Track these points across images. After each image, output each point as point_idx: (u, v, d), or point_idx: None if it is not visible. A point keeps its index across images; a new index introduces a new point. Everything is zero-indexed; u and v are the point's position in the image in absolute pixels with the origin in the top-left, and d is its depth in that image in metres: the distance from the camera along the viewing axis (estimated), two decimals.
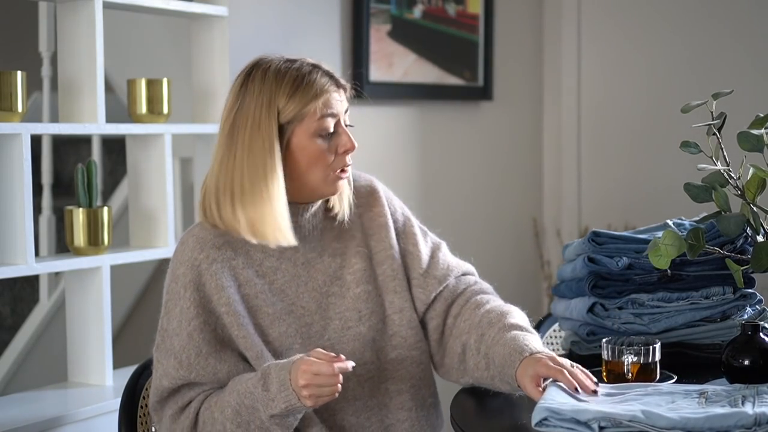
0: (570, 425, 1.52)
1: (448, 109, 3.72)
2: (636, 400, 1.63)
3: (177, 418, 1.75)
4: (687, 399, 1.63)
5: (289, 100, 1.74)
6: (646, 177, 3.93)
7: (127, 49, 3.57)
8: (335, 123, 1.78)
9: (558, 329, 2.39)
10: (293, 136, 1.76)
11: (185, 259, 1.80)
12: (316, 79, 1.76)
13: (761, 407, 1.53)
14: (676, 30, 3.87)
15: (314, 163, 1.77)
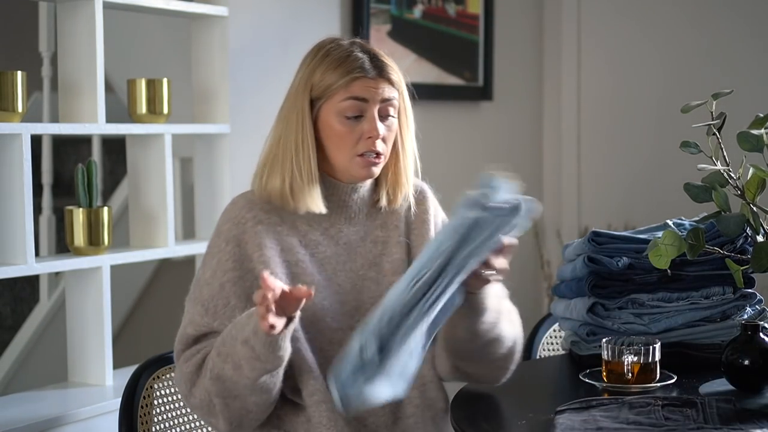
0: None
1: (448, 109, 3.72)
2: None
3: (189, 358, 1.77)
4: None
5: (322, 76, 1.80)
6: (646, 177, 3.93)
7: (127, 49, 3.57)
8: (364, 108, 1.80)
9: (558, 329, 2.39)
10: (321, 111, 1.81)
11: (232, 216, 1.83)
12: (353, 61, 1.81)
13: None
14: (676, 30, 3.87)
15: (338, 144, 1.80)
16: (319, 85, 1.80)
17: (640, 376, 1.83)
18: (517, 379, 2.05)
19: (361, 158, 1.80)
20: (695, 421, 1.60)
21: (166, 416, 1.95)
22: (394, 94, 1.85)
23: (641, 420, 1.61)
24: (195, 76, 2.89)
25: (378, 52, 1.86)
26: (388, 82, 1.84)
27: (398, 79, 1.87)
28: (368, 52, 1.84)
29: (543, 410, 1.72)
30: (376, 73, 1.82)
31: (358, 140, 1.80)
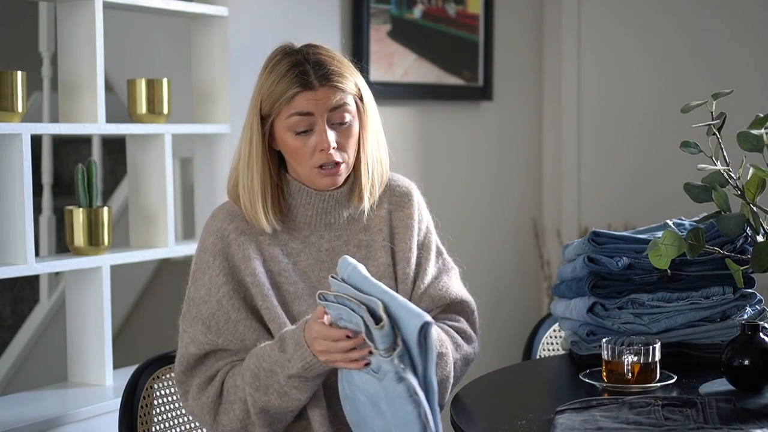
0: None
1: (448, 109, 3.72)
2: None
3: (204, 388, 1.77)
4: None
5: (268, 93, 1.80)
6: (646, 177, 3.93)
7: (127, 49, 3.57)
8: (312, 122, 1.78)
9: (558, 329, 2.39)
10: (274, 128, 1.82)
11: (214, 230, 1.84)
12: (293, 76, 1.78)
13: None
14: (676, 30, 3.87)
15: (296, 158, 1.81)
16: (266, 103, 1.80)
17: (640, 376, 1.83)
18: (517, 379, 2.05)
19: (320, 170, 1.80)
20: (695, 421, 1.60)
21: (166, 416, 1.95)
22: (345, 99, 1.80)
23: (641, 420, 1.61)
24: (195, 76, 2.89)
25: (325, 59, 1.81)
26: (334, 90, 1.79)
27: (349, 84, 1.81)
28: (313, 61, 1.80)
29: (543, 410, 1.72)
30: (318, 83, 1.78)
31: (312, 153, 1.79)
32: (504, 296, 3.98)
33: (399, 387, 1.55)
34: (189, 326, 1.80)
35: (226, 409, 1.74)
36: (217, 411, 1.75)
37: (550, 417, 1.66)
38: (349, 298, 1.57)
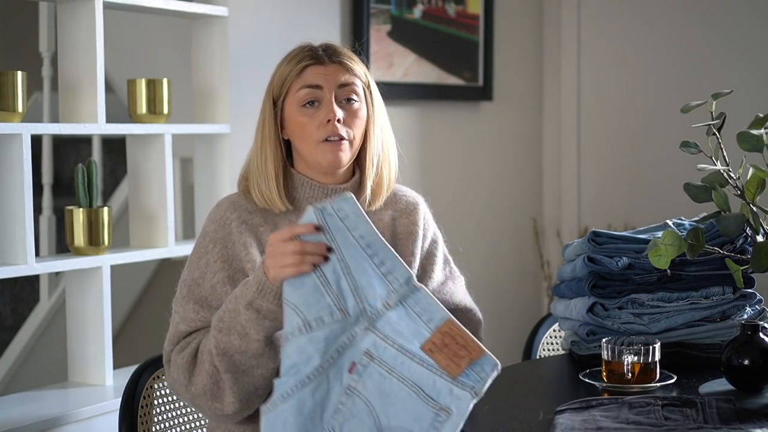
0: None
1: (448, 109, 3.72)
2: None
3: (180, 351, 1.77)
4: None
5: (279, 75, 1.85)
6: (646, 177, 3.93)
7: (127, 49, 3.57)
8: (319, 95, 1.81)
9: (558, 329, 2.39)
10: (284, 111, 1.84)
11: (217, 218, 1.85)
12: (304, 52, 1.84)
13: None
14: (676, 30, 3.87)
15: (301, 134, 1.82)
16: (277, 83, 1.84)
17: (640, 376, 1.83)
18: (517, 379, 2.05)
19: (324, 144, 1.81)
20: (695, 421, 1.60)
21: (166, 416, 1.95)
22: (351, 79, 1.84)
23: (641, 420, 1.61)
24: (195, 76, 2.89)
25: (336, 46, 1.88)
26: (343, 68, 1.84)
27: (357, 69, 1.86)
28: (324, 45, 1.87)
29: (543, 410, 1.72)
30: (327, 59, 1.84)
31: (318, 127, 1.81)
32: (504, 296, 3.98)
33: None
34: (180, 306, 1.80)
35: (199, 369, 1.73)
36: (192, 372, 1.74)
37: (550, 417, 1.66)
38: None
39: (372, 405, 1.55)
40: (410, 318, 1.57)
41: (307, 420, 1.54)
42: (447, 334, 1.55)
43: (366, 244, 1.59)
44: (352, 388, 1.55)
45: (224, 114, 2.85)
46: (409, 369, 1.54)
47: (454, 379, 1.53)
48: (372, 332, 1.56)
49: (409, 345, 1.55)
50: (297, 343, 1.55)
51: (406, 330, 1.56)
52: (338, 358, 1.56)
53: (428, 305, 1.57)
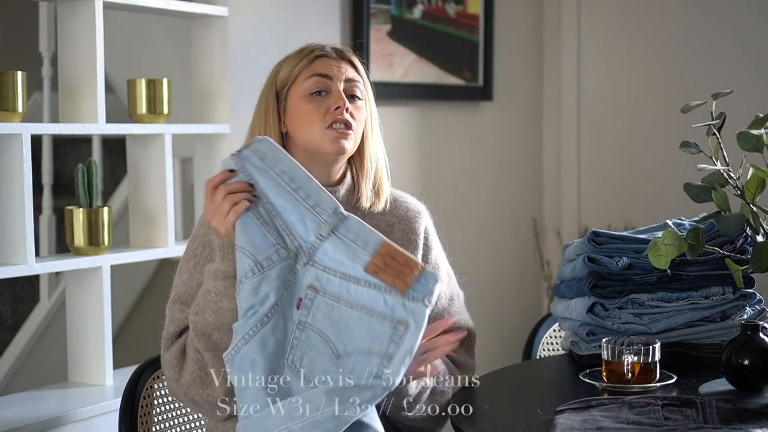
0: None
1: (448, 109, 3.72)
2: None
3: (171, 348, 1.78)
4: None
5: (286, 67, 1.86)
6: (646, 177, 3.93)
7: (127, 49, 3.57)
8: (328, 85, 1.83)
9: (558, 329, 2.39)
10: (288, 98, 1.85)
11: (206, 222, 1.82)
12: (314, 45, 1.87)
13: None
14: (676, 30, 3.87)
15: (307, 122, 1.82)
16: (283, 75, 1.85)
17: (640, 376, 1.83)
18: (517, 379, 2.05)
19: (330, 130, 1.80)
20: (695, 421, 1.60)
21: (166, 416, 1.95)
22: (358, 77, 1.87)
23: (641, 420, 1.61)
24: (195, 76, 2.89)
25: (343, 47, 1.90)
26: (351, 65, 1.87)
27: (362, 69, 1.89)
28: (331, 45, 1.89)
29: (543, 410, 1.72)
30: (337, 55, 1.86)
31: (325, 114, 1.81)
32: (504, 296, 3.98)
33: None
34: (169, 309, 1.80)
35: (186, 360, 1.74)
36: (181, 366, 1.74)
37: (550, 417, 1.66)
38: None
39: (326, 335, 1.59)
40: (346, 245, 1.61)
41: (272, 358, 1.58)
42: (387, 255, 1.60)
43: (289, 179, 1.62)
44: (302, 323, 1.60)
45: (224, 114, 2.85)
46: (356, 294, 1.59)
47: (404, 294, 1.58)
48: (312, 266, 1.61)
49: (351, 271, 1.59)
50: (251, 284, 1.59)
51: (344, 257, 1.60)
52: (288, 296, 1.60)
53: (361, 231, 1.61)
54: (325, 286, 1.60)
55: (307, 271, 1.61)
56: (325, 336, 1.59)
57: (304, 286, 1.60)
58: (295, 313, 1.59)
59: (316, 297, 1.60)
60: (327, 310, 1.59)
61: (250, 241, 1.60)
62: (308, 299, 1.60)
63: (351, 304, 1.59)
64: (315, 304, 1.60)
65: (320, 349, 1.59)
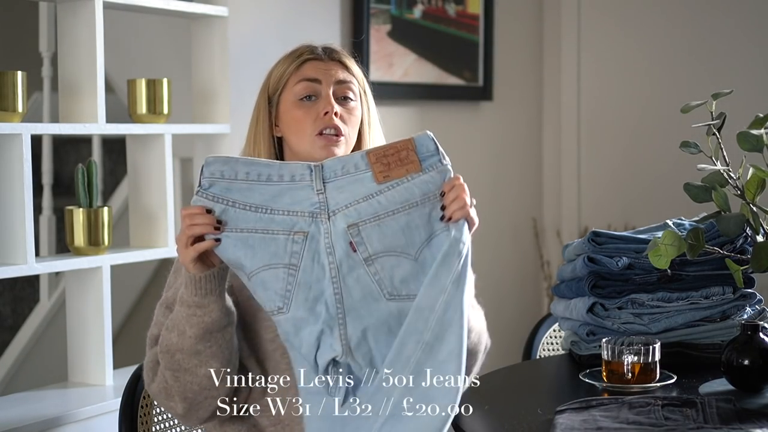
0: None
1: (448, 109, 3.72)
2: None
3: (151, 350, 1.76)
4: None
5: (276, 72, 1.84)
6: (646, 177, 3.93)
7: (127, 49, 3.57)
8: (318, 90, 1.80)
9: (558, 329, 2.39)
10: (279, 106, 1.83)
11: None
12: (303, 48, 1.84)
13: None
14: (676, 30, 3.87)
15: (297, 128, 1.80)
16: (274, 81, 1.83)
17: (640, 376, 1.83)
18: (517, 379, 2.05)
19: (320, 137, 1.78)
20: (695, 421, 1.60)
21: (166, 416, 1.95)
22: (349, 78, 1.83)
23: (641, 420, 1.61)
24: (195, 76, 2.89)
25: (336, 46, 1.88)
26: (342, 66, 1.84)
27: (355, 69, 1.86)
28: (322, 45, 1.86)
29: (543, 410, 1.72)
30: (327, 57, 1.84)
31: (314, 120, 1.79)
32: (504, 296, 3.98)
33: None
34: (156, 309, 1.80)
35: (157, 373, 1.72)
36: (155, 371, 1.73)
37: (550, 417, 1.66)
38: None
39: (394, 249, 1.58)
40: (343, 180, 1.60)
41: (376, 310, 1.56)
42: (380, 157, 1.60)
43: (257, 175, 1.60)
44: (368, 258, 1.57)
45: (224, 114, 2.85)
46: (387, 201, 1.59)
47: (422, 171, 1.61)
48: (335, 215, 1.59)
49: (368, 191, 1.59)
50: (301, 289, 1.56)
51: (353, 189, 1.59)
52: (341, 254, 1.57)
53: (343, 162, 1.60)
54: (359, 216, 1.58)
55: (335, 222, 1.58)
56: (395, 250, 1.58)
57: (344, 231, 1.58)
58: (356, 257, 1.57)
59: (360, 229, 1.58)
60: (377, 231, 1.58)
61: (268, 255, 1.57)
62: (356, 237, 1.58)
63: (391, 211, 1.58)
64: (364, 236, 1.58)
65: (400, 264, 1.57)
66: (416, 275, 1.56)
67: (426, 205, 1.59)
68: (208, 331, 1.64)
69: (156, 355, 1.72)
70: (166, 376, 1.68)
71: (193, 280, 1.62)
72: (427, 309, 1.53)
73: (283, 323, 1.57)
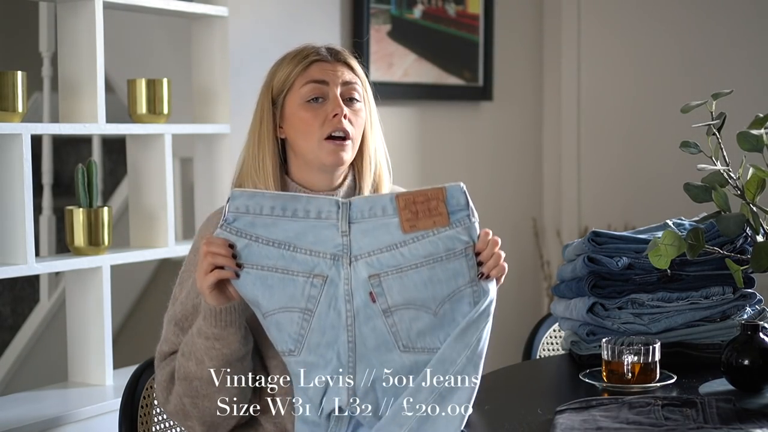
0: None
1: (448, 109, 3.72)
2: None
3: (163, 368, 1.76)
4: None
5: (281, 73, 1.82)
6: (646, 177, 3.93)
7: (127, 49, 3.57)
8: (325, 91, 1.79)
9: (558, 329, 2.39)
10: (284, 108, 1.81)
11: (206, 234, 1.80)
12: (308, 49, 1.82)
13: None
14: (676, 30, 3.87)
15: (305, 131, 1.79)
16: (278, 82, 1.81)
17: (640, 376, 1.83)
18: (517, 379, 2.05)
19: (328, 141, 1.77)
20: (695, 421, 1.60)
21: (166, 416, 1.95)
22: (354, 79, 1.83)
23: (641, 420, 1.61)
24: (195, 76, 2.89)
25: (338, 46, 1.87)
26: (347, 67, 1.83)
27: (359, 69, 1.85)
28: (327, 46, 1.85)
29: (543, 410, 1.72)
30: (332, 58, 1.82)
31: (323, 122, 1.78)
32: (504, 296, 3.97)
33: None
34: (166, 324, 1.79)
35: (173, 393, 1.72)
36: (169, 391, 1.73)
37: (550, 417, 1.66)
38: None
39: (414, 303, 1.56)
40: (370, 224, 1.58)
41: (384, 360, 1.55)
42: (408, 204, 1.57)
43: (281, 210, 1.58)
44: (387, 310, 1.56)
45: (224, 114, 2.85)
46: (411, 254, 1.56)
47: (450, 225, 1.57)
48: (357, 261, 1.57)
49: (392, 240, 1.56)
50: (314, 333, 1.56)
51: (377, 234, 1.57)
52: (358, 303, 1.56)
53: (371, 203, 1.58)
54: (381, 266, 1.56)
55: (356, 268, 1.56)
56: (414, 303, 1.56)
57: (365, 281, 1.56)
58: (375, 307, 1.56)
59: (381, 280, 1.56)
60: (398, 283, 1.56)
61: (285, 297, 1.57)
62: (377, 288, 1.56)
63: (414, 264, 1.56)
64: (385, 287, 1.56)
65: (419, 318, 1.56)
66: (433, 329, 1.56)
67: (451, 261, 1.57)
68: (227, 362, 1.65)
69: (169, 375, 1.73)
70: (184, 402, 1.69)
71: (213, 312, 1.62)
72: (449, 362, 1.53)
73: (293, 365, 1.57)
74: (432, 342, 1.56)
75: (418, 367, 1.55)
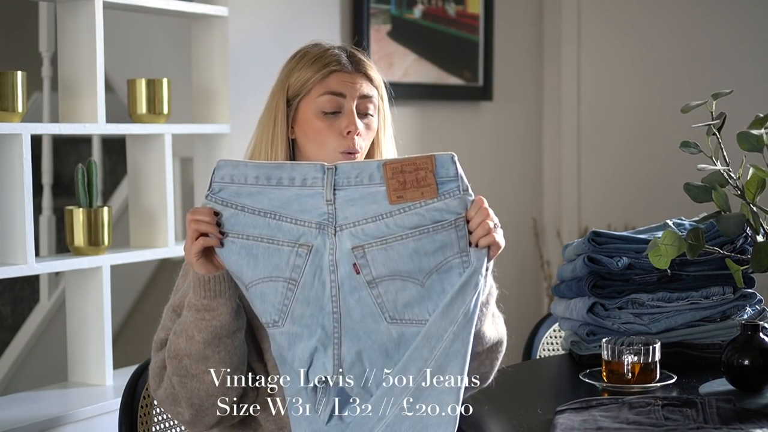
0: None
1: (448, 109, 3.72)
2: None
3: (157, 355, 1.75)
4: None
5: (299, 74, 1.79)
6: (646, 177, 3.93)
7: (127, 49, 3.57)
8: (341, 104, 1.78)
9: (558, 329, 2.39)
10: (298, 111, 1.79)
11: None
12: (330, 56, 1.79)
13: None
14: (676, 30, 3.87)
15: (318, 141, 1.78)
16: (295, 83, 1.79)
17: (640, 376, 1.83)
18: (517, 379, 2.05)
19: (340, 155, 1.76)
20: (695, 421, 1.60)
21: (166, 416, 1.95)
22: (372, 92, 1.81)
23: (641, 420, 1.61)
24: (195, 76, 2.89)
25: (358, 52, 1.84)
26: (366, 78, 1.81)
27: (377, 79, 1.83)
28: (347, 50, 1.82)
29: (543, 410, 1.72)
30: (353, 68, 1.80)
31: (337, 136, 1.77)
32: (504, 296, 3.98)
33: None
34: (164, 313, 1.79)
35: (164, 379, 1.71)
36: (161, 376, 1.72)
37: (550, 417, 1.66)
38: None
39: (400, 273, 1.53)
40: (356, 191, 1.55)
41: (370, 331, 1.53)
42: (397, 172, 1.54)
43: (266, 179, 1.57)
44: (372, 281, 1.53)
45: (224, 114, 2.85)
46: (396, 225, 1.53)
47: (438, 197, 1.53)
48: (341, 231, 1.54)
49: (378, 210, 1.53)
50: (298, 303, 1.54)
51: (363, 204, 1.54)
52: (343, 274, 1.54)
53: (358, 169, 1.55)
54: (365, 237, 1.53)
55: (341, 239, 1.54)
56: (401, 275, 1.53)
57: (348, 252, 1.53)
58: (359, 279, 1.53)
59: (365, 252, 1.53)
60: (383, 255, 1.53)
61: (270, 267, 1.55)
62: (360, 259, 1.53)
63: (399, 236, 1.53)
64: (369, 259, 1.53)
65: (405, 288, 1.53)
66: (421, 300, 1.53)
67: (438, 233, 1.53)
68: (217, 336, 1.63)
69: (162, 361, 1.72)
70: (173, 382, 1.67)
71: (202, 281, 1.61)
72: (435, 338, 1.50)
73: (278, 337, 1.55)
74: (420, 313, 1.53)
75: (405, 339, 1.52)
